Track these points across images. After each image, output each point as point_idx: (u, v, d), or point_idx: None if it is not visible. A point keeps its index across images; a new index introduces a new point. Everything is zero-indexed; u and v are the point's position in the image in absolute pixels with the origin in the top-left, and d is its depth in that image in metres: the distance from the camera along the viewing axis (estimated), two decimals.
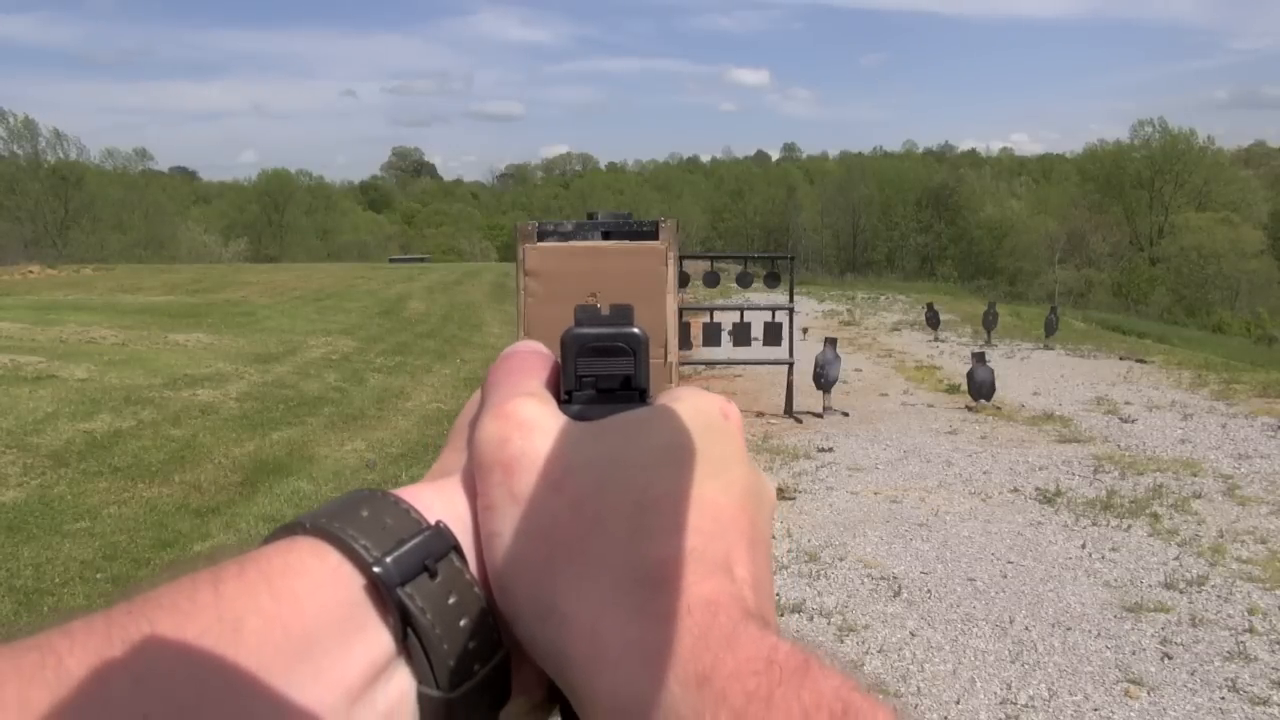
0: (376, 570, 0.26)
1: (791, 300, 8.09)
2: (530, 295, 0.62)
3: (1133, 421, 7.80)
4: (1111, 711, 3.28)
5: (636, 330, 0.34)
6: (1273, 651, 3.70)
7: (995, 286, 41.40)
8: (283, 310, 15.35)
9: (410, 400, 8.83)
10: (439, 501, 0.29)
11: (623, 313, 0.34)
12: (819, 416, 8.08)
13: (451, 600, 0.27)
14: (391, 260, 45.81)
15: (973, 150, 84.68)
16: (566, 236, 0.64)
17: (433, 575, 0.27)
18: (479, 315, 16.24)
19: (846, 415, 8.17)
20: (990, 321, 12.90)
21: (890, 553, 4.84)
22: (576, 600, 0.27)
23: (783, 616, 4.02)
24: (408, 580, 0.26)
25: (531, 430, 0.30)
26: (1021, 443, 7.15)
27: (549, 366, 0.35)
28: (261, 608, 0.24)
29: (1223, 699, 3.36)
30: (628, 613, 0.26)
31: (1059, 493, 5.76)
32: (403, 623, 0.26)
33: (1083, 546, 4.88)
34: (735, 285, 10.86)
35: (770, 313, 7.92)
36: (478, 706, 0.27)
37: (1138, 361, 11.14)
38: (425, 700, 0.26)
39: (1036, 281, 46.99)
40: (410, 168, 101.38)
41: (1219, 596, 4.24)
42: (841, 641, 3.84)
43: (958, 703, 3.36)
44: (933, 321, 13.71)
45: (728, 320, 8.27)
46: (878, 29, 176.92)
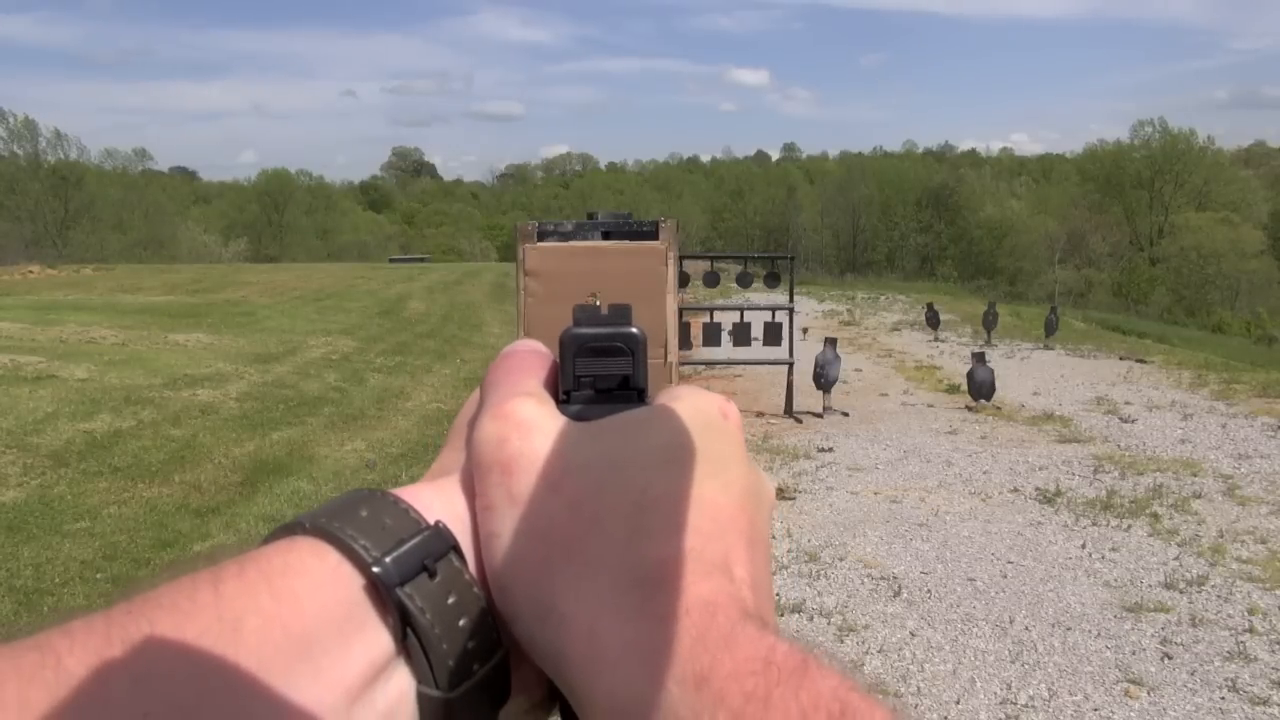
0: (376, 570, 0.26)
1: (791, 300, 8.09)
2: (530, 295, 0.62)
3: (1133, 421, 7.80)
4: (1111, 711, 3.28)
5: (635, 330, 0.34)
6: (1273, 651, 3.70)
7: (995, 286, 41.40)
8: (283, 310, 15.35)
9: (410, 400, 8.83)
10: (438, 501, 0.29)
11: (621, 312, 0.34)
12: (819, 416, 8.08)
13: (451, 600, 0.27)
14: (391, 260, 45.79)
15: (973, 150, 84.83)
16: (566, 236, 0.64)
17: (432, 575, 0.27)
18: (479, 315, 16.24)
19: (846, 415, 8.17)
20: (990, 321, 12.90)
21: (890, 553, 4.84)
22: (575, 601, 0.27)
23: (783, 616, 4.02)
24: (407, 580, 0.26)
25: (530, 430, 0.30)
26: (1021, 443, 7.15)
27: (548, 366, 0.34)
28: (261, 607, 0.24)
29: (1223, 699, 3.36)
30: (626, 613, 0.26)
31: (1059, 493, 5.76)
32: (402, 623, 0.26)
33: (1083, 546, 4.88)
34: (735, 285, 10.87)
35: (770, 313, 7.92)
36: (477, 706, 0.27)
37: (1138, 361, 11.13)
38: (425, 700, 0.26)
39: (1036, 281, 47.01)
40: (410, 168, 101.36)
41: (1219, 596, 4.23)
42: (841, 642, 3.84)
43: (958, 703, 3.36)
44: (933, 321, 13.71)
45: (728, 320, 8.27)
46: (878, 29, 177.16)
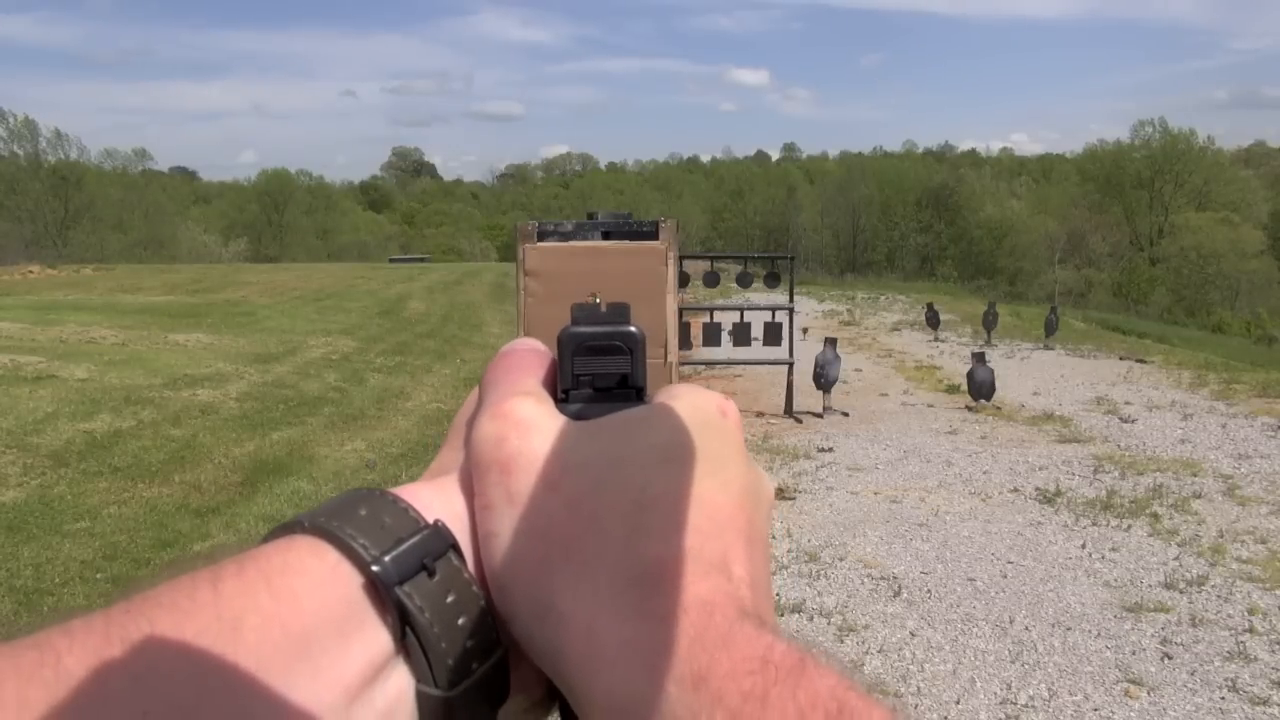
0: (375, 569, 0.26)
1: (791, 300, 8.09)
2: (530, 295, 0.62)
3: (1133, 421, 7.80)
4: (1111, 711, 3.28)
5: (633, 329, 0.34)
6: (1273, 651, 3.70)
7: (995, 286, 41.39)
8: (283, 310, 15.35)
9: (410, 400, 8.83)
10: (437, 500, 0.29)
11: (619, 311, 0.34)
12: (819, 416, 8.08)
13: (450, 599, 0.27)
14: (391, 260, 45.80)
15: (973, 150, 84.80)
16: (566, 236, 0.64)
17: (431, 574, 0.27)
18: (479, 315, 16.24)
19: (846, 415, 8.17)
20: (990, 321, 12.89)
21: (890, 553, 4.84)
22: (573, 600, 0.27)
23: (783, 616, 4.02)
24: (406, 579, 0.26)
25: (528, 429, 0.30)
26: (1021, 443, 7.15)
27: (547, 365, 0.34)
28: (260, 606, 0.24)
29: (1223, 699, 3.36)
30: (624, 612, 0.26)
31: (1059, 493, 5.76)
32: (401, 622, 0.26)
33: (1083, 546, 4.88)
34: (735, 285, 10.87)
35: (770, 313, 7.92)
36: (476, 705, 0.27)
37: (1138, 361, 11.13)
38: (424, 699, 0.26)
39: (1036, 281, 47.00)
40: (410, 168, 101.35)
41: (1219, 596, 4.23)
42: (841, 641, 3.84)
43: (958, 703, 3.36)
44: (933, 321, 13.71)
45: (728, 320, 8.27)
46: (878, 29, 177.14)
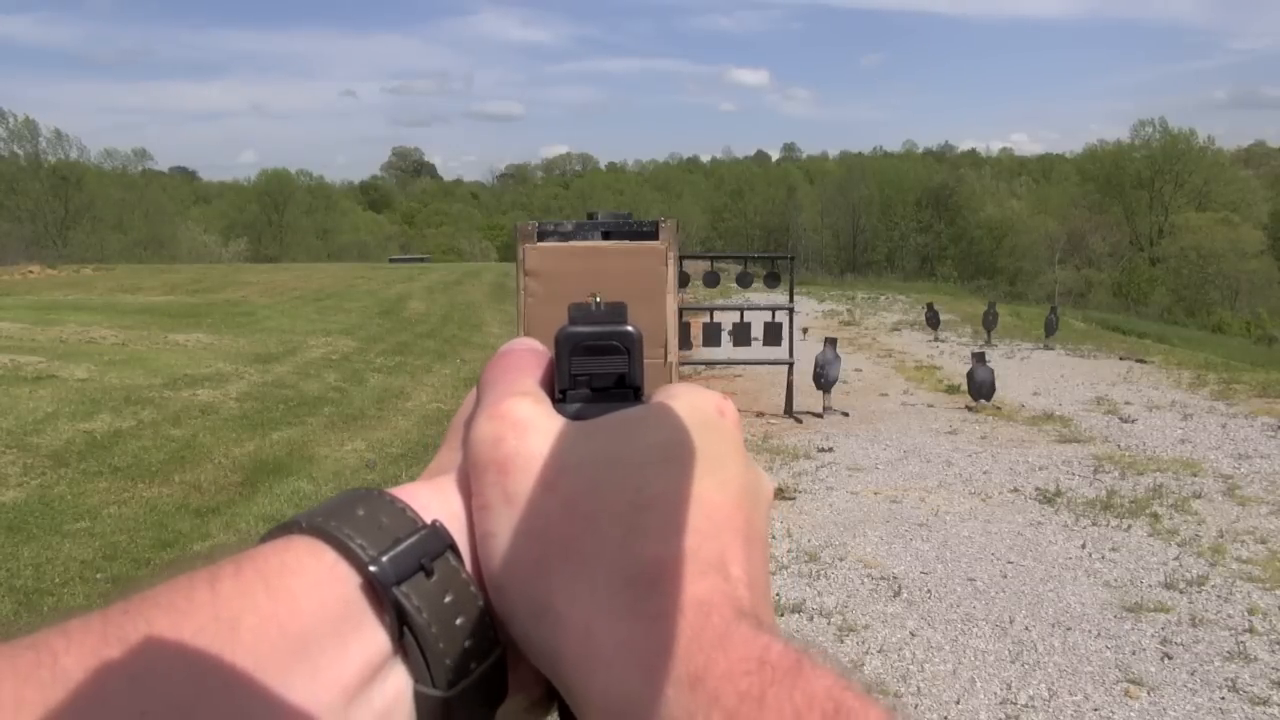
0: (373, 569, 0.26)
1: (791, 300, 8.09)
2: (530, 295, 0.62)
3: (1133, 421, 7.79)
4: (1111, 711, 3.28)
5: (630, 328, 0.34)
6: (1273, 651, 3.70)
7: (995, 286, 41.37)
8: (283, 310, 15.35)
9: (410, 400, 8.83)
10: (435, 500, 0.29)
11: (617, 310, 0.34)
12: (819, 416, 8.08)
13: (448, 599, 0.27)
14: (391, 260, 45.79)
15: (973, 150, 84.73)
16: (566, 236, 0.63)
17: (429, 574, 0.27)
18: (479, 315, 16.24)
19: (846, 415, 8.16)
20: (990, 321, 12.89)
21: (890, 553, 4.84)
22: (570, 600, 0.27)
23: (782, 616, 4.02)
24: (404, 579, 0.26)
25: (526, 430, 0.30)
26: (1021, 443, 7.15)
27: (545, 365, 0.34)
28: (258, 606, 0.24)
29: (1223, 699, 3.36)
30: (620, 613, 0.26)
31: (1059, 493, 5.76)
32: (399, 622, 0.26)
33: (1083, 546, 4.88)
34: (735, 285, 10.87)
35: (770, 313, 7.92)
36: (475, 705, 0.27)
37: (1138, 361, 11.13)
38: (422, 699, 0.26)
39: (1036, 281, 46.99)
40: (410, 168, 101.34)
41: (1219, 596, 4.23)
42: (841, 642, 3.83)
43: (958, 703, 3.36)
44: (933, 321, 13.71)
45: (728, 320, 8.27)
46: (878, 29, 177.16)
